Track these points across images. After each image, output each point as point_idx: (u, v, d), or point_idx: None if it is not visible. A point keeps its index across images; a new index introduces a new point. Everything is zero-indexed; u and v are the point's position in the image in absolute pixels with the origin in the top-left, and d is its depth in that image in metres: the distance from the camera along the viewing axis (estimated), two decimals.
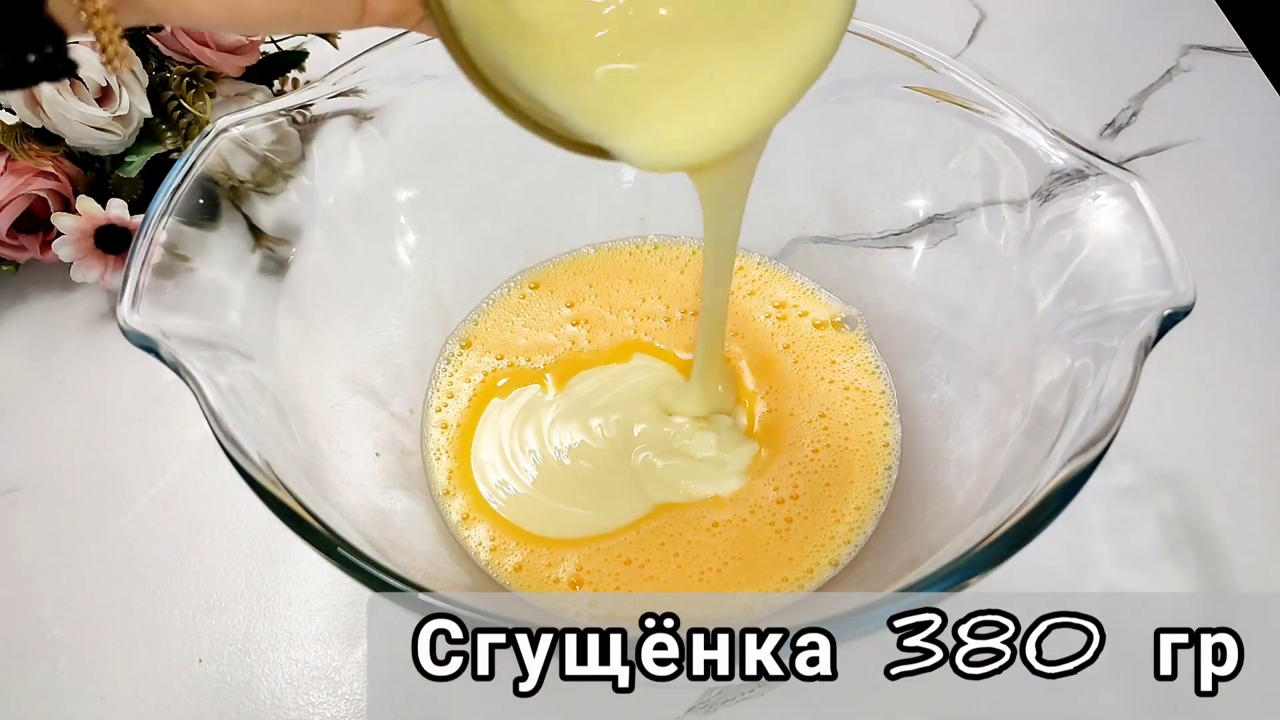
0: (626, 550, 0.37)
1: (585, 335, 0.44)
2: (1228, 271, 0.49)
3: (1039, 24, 0.64)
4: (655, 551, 0.37)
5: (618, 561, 0.37)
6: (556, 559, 0.37)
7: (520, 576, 0.37)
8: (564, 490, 0.40)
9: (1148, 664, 0.37)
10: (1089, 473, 0.25)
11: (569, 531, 0.38)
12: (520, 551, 0.38)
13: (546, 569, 0.37)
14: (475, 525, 0.39)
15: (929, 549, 0.31)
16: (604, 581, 0.37)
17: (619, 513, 0.39)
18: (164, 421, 0.45)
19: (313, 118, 0.37)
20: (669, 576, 0.37)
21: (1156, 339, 0.27)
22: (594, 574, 0.37)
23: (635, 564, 0.37)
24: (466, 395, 0.42)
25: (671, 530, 0.38)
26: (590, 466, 0.40)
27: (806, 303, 0.46)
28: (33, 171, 0.46)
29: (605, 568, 0.37)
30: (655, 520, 0.38)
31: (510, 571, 0.37)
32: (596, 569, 0.37)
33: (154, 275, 0.30)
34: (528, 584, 0.37)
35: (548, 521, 0.39)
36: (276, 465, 0.28)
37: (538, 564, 0.37)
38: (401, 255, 0.43)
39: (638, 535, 0.38)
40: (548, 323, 0.44)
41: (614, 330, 0.44)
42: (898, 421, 0.41)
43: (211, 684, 0.37)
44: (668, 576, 0.37)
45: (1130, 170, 0.31)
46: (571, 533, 0.38)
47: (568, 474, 0.40)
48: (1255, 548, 0.39)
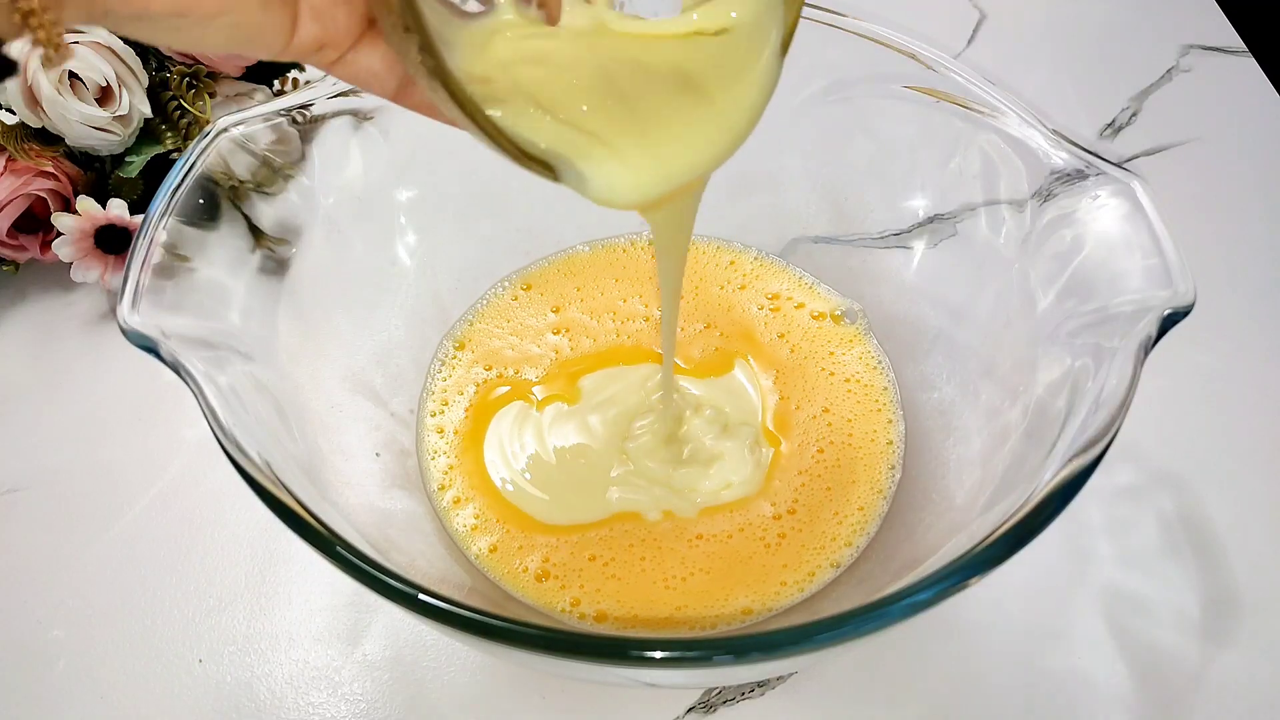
0: (594, 546, 0.38)
1: (568, 344, 0.44)
2: (1228, 271, 0.49)
3: (1039, 24, 0.64)
4: (622, 552, 0.38)
5: (583, 556, 0.37)
6: (529, 544, 0.38)
7: (494, 558, 0.37)
8: (557, 479, 0.40)
9: (1148, 664, 0.37)
10: (1089, 473, 0.25)
11: (555, 517, 0.39)
12: (498, 530, 0.38)
13: (518, 552, 0.38)
14: (465, 506, 0.39)
15: (929, 549, 0.31)
16: (569, 576, 0.37)
17: (592, 509, 0.39)
18: (164, 421, 0.45)
19: (313, 118, 0.37)
20: (632, 578, 0.37)
21: (1156, 339, 0.27)
22: (560, 566, 0.37)
23: (599, 560, 0.37)
24: (462, 405, 0.42)
25: (644, 534, 0.38)
26: (584, 462, 0.41)
27: (803, 295, 0.46)
28: (33, 171, 0.46)
29: (570, 561, 0.37)
30: (629, 523, 0.39)
31: (486, 553, 0.38)
32: (562, 561, 0.37)
33: (154, 275, 0.30)
34: (497, 567, 0.37)
35: (536, 504, 0.39)
36: (276, 465, 0.28)
37: (510, 546, 0.38)
38: (401, 255, 0.43)
39: (609, 533, 0.38)
40: (533, 330, 0.45)
41: (596, 336, 0.44)
42: (901, 419, 0.41)
43: (211, 684, 0.37)
44: (630, 578, 0.37)
45: (1130, 170, 0.31)
46: (557, 518, 0.39)
47: (562, 466, 0.40)
48: (1255, 548, 0.39)
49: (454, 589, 0.34)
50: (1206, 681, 0.36)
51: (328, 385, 0.37)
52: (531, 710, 0.36)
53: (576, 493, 0.39)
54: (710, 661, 0.24)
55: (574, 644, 0.24)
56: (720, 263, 0.47)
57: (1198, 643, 0.37)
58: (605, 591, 0.36)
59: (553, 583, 0.37)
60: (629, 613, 0.36)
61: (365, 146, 0.39)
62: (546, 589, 0.37)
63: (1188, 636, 0.37)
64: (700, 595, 0.36)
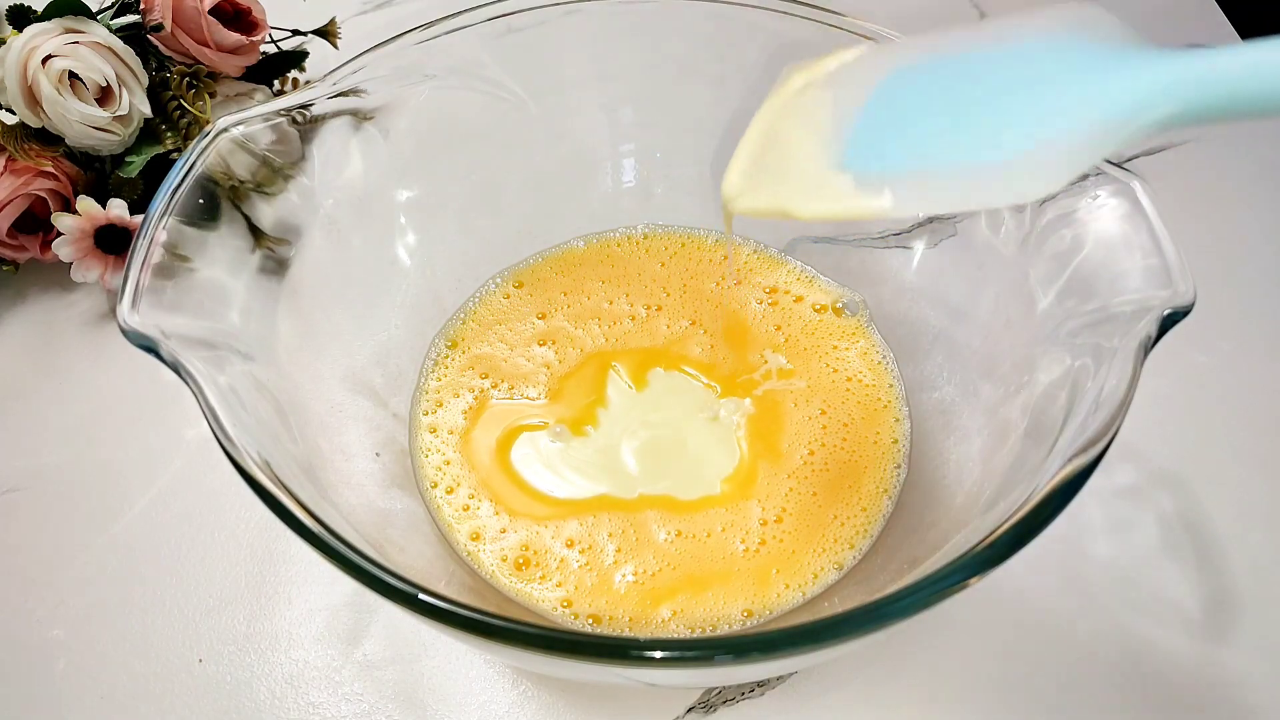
0: (575, 531, 0.38)
1: (555, 356, 0.44)
2: (1228, 271, 0.49)
3: None
4: (601, 540, 0.38)
5: (561, 540, 0.38)
6: (513, 526, 0.38)
7: (476, 544, 0.38)
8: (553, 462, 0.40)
9: (1148, 664, 0.37)
10: (1089, 473, 0.25)
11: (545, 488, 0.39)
12: (486, 511, 0.38)
13: (500, 535, 0.38)
14: (457, 490, 0.39)
15: (929, 549, 0.31)
16: (546, 560, 0.37)
17: (579, 487, 0.39)
18: (164, 421, 0.45)
19: (313, 118, 0.37)
20: (603, 568, 0.37)
21: (1156, 339, 0.27)
22: (540, 553, 0.37)
23: (576, 546, 0.37)
24: (458, 408, 0.42)
25: (626, 524, 0.38)
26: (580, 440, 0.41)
27: (801, 288, 0.46)
28: (33, 171, 0.46)
29: (552, 546, 0.37)
30: (612, 511, 0.38)
31: (468, 539, 0.38)
32: (544, 547, 0.37)
33: (154, 275, 0.30)
34: (478, 553, 0.37)
35: (524, 484, 0.39)
36: (276, 465, 0.28)
37: (492, 527, 0.38)
38: (401, 255, 0.43)
39: (594, 520, 0.38)
40: (521, 339, 0.44)
41: (582, 346, 0.44)
42: (907, 416, 0.41)
43: (211, 684, 0.37)
44: (602, 568, 0.37)
45: (1130, 170, 0.31)
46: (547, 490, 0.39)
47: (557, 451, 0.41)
48: (1255, 548, 0.39)
49: (454, 589, 0.34)
50: (1206, 681, 0.36)
51: (328, 385, 0.37)
52: (531, 710, 0.36)
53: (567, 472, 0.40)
54: (710, 661, 0.24)
55: (574, 644, 0.24)
56: (715, 258, 0.47)
57: (1198, 643, 0.37)
58: (599, 590, 0.36)
59: (534, 568, 0.37)
60: (622, 614, 0.36)
61: (365, 146, 0.39)
62: (528, 576, 0.37)
63: (1188, 636, 0.37)
64: (700, 595, 0.36)
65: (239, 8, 0.52)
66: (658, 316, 0.45)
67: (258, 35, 0.52)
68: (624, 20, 0.42)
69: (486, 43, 0.40)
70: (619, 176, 0.47)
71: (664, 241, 0.48)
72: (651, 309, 0.45)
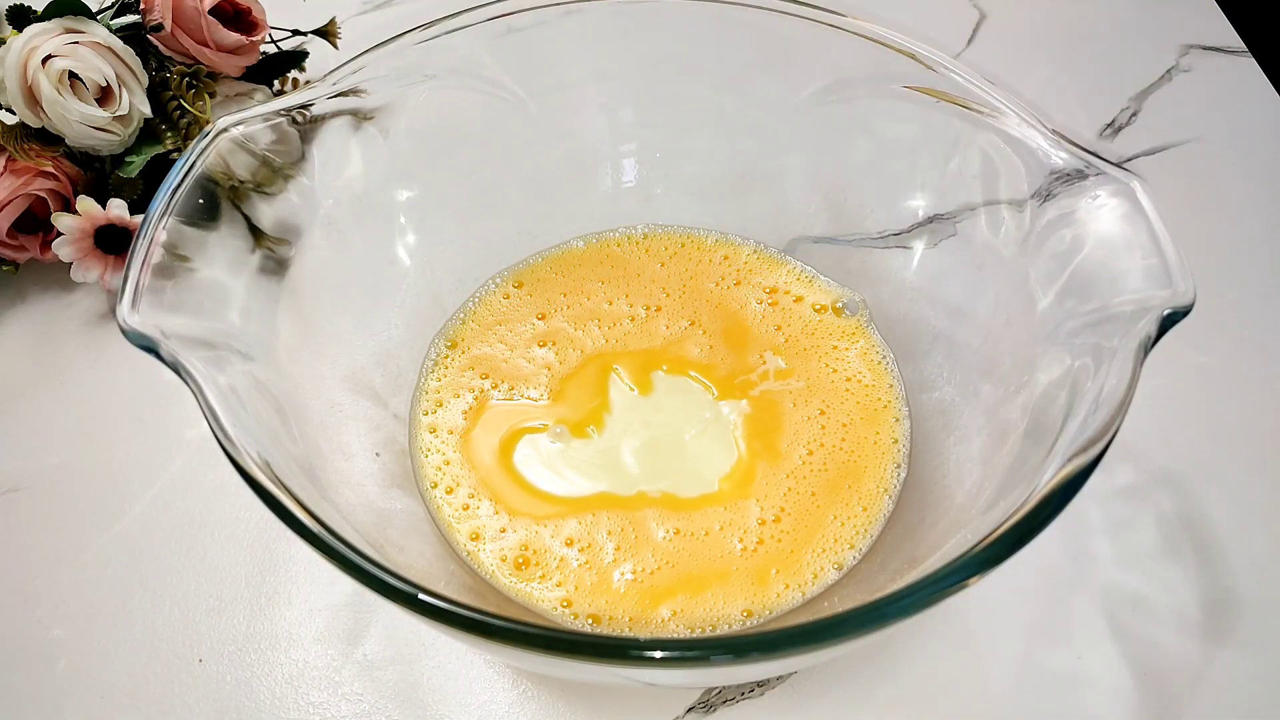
0: (574, 530, 0.38)
1: (555, 357, 0.44)
2: (1228, 271, 0.49)
3: (1039, 24, 0.64)
4: (600, 538, 0.38)
5: (560, 539, 0.37)
6: (513, 525, 0.38)
7: (476, 544, 0.38)
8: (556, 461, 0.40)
9: (1148, 664, 0.37)
10: (1089, 473, 0.25)
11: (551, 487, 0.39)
12: (486, 511, 0.38)
13: (500, 534, 0.38)
14: (457, 490, 0.39)
15: (929, 549, 0.31)
16: (545, 559, 0.37)
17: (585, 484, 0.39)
18: (164, 421, 0.45)
19: (313, 118, 0.37)
20: (602, 567, 0.37)
21: (1156, 339, 0.27)
22: (540, 553, 0.37)
23: (576, 545, 0.37)
24: (459, 409, 0.42)
25: (624, 522, 0.38)
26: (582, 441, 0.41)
27: (801, 288, 0.46)
28: (33, 171, 0.46)
29: (551, 545, 0.37)
30: (611, 509, 0.38)
31: (467, 538, 0.38)
32: (544, 546, 0.37)
33: (154, 275, 0.30)
34: (477, 553, 0.37)
35: (524, 481, 0.39)
36: (276, 465, 0.28)
37: (492, 527, 0.38)
38: (401, 255, 0.43)
39: (593, 519, 0.38)
40: (521, 339, 0.44)
41: (582, 347, 0.44)
42: (906, 416, 0.41)
43: (211, 684, 0.37)
44: (601, 566, 0.37)
45: (1130, 170, 0.31)
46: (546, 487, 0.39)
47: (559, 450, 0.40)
48: (1255, 548, 0.39)
49: (454, 589, 0.34)
50: (1206, 681, 0.36)
51: (328, 385, 0.37)
52: (531, 710, 0.36)
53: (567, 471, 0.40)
54: (709, 661, 0.24)
55: (574, 644, 0.24)
56: (714, 258, 0.47)
57: (1198, 643, 0.37)
58: (599, 590, 0.36)
59: (533, 568, 0.37)
60: (622, 614, 0.36)
61: (365, 146, 0.39)
62: (527, 576, 0.37)
63: (1188, 636, 0.37)
64: (699, 595, 0.36)
65: (239, 8, 0.52)
66: (657, 317, 0.45)
67: (258, 35, 0.52)
68: (624, 20, 0.42)
69: (486, 43, 0.40)
70: (619, 176, 0.47)
71: (664, 241, 0.48)
72: (651, 309, 0.45)
